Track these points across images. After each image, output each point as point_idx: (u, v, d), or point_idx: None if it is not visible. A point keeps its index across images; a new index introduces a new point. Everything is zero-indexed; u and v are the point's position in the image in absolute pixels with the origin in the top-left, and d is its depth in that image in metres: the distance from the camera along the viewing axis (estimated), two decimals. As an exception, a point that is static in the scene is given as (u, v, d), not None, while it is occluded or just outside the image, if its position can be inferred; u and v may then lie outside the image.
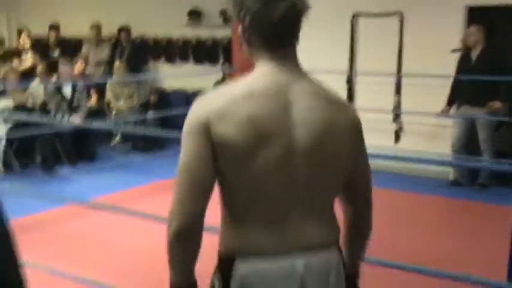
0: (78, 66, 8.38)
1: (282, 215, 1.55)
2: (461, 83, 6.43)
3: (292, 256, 1.55)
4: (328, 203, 1.64)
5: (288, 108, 1.52)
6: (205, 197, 1.50)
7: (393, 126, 7.23)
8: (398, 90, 7.18)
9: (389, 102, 7.20)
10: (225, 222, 1.59)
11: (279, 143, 1.49)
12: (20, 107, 7.19)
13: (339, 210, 1.73)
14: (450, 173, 6.66)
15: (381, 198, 6.05)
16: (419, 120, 6.95)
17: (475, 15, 6.69)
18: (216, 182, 1.54)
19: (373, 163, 6.05)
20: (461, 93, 6.47)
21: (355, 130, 1.64)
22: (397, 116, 7.22)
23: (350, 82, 7.48)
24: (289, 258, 1.54)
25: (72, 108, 7.60)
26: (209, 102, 1.51)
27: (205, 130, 1.48)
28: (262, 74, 1.57)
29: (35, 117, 6.67)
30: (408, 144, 6.75)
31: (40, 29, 9.92)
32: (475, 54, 6.39)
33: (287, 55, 1.62)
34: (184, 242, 1.50)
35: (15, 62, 8.84)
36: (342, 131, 1.58)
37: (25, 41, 9.42)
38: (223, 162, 1.49)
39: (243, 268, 1.54)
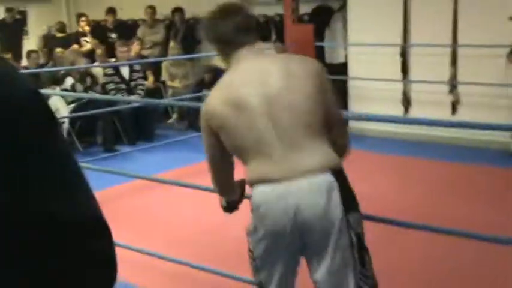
0: (135, 48, 8.58)
1: (272, 152, 2.09)
2: None
3: (288, 181, 2.05)
4: (310, 137, 2.11)
5: (255, 78, 2.16)
6: (223, 161, 2.32)
7: (450, 98, 7.12)
8: (454, 61, 7.04)
9: (445, 74, 7.08)
10: (244, 168, 2.21)
11: (254, 102, 2.11)
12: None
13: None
14: (511, 144, 6.51)
15: (440, 170, 5.99)
16: (477, 91, 6.80)
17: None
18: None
19: (431, 134, 6.01)
20: None
21: (317, 74, 2.21)
22: (453, 88, 7.10)
23: (404, 55, 7.38)
24: (286, 182, 2.05)
25: (130, 89, 7.82)
26: (206, 104, 2.26)
27: (209, 126, 2.22)
28: (234, 68, 2.26)
29: (96, 96, 6.90)
30: (466, 116, 6.64)
31: (98, 14, 10.19)
32: None
33: (247, 50, 2.25)
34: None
35: (74, 47, 9.13)
36: (305, 78, 2.15)
37: (84, 26, 9.71)
38: (223, 135, 2.18)
39: (255, 192, 2.14)
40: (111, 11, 9.97)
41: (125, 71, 7.86)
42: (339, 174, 2.11)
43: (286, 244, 2.10)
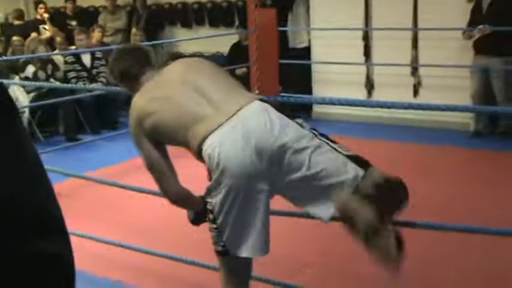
0: (96, 35, 8.43)
1: (206, 113, 2.27)
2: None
3: (229, 119, 2.22)
4: (231, 91, 2.35)
5: (169, 73, 2.49)
6: (165, 162, 2.44)
7: (411, 80, 7.22)
8: (415, 44, 7.13)
9: (406, 57, 7.16)
10: (184, 135, 2.32)
11: (176, 89, 2.37)
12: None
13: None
14: (471, 125, 6.64)
15: (403, 151, 6.08)
16: (438, 73, 6.91)
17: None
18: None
19: (394, 116, 6.08)
20: (474, 43, 6.38)
21: (210, 64, 2.55)
22: (414, 70, 7.19)
23: (366, 39, 7.44)
24: (230, 121, 2.22)
25: (92, 76, 7.70)
26: (134, 111, 2.46)
27: (143, 130, 2.40)
28: (146, 86, 2.50)
29: (57, 85, 6.78)
30: (428, 98, 6.74)
31: (56, 1, 9.98)
32: (486, 3, 6.27)
33: (143, 78, 2.55)
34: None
35: (33, 34, 8.93)
36: (204, 63, 2.54)
37: (43, 13, 9.49)
38: (159, 129, 2.38)
39: (206, 144, 2.22)
40: (71, -3, 9.78)
41: (86, 59, 7.73)
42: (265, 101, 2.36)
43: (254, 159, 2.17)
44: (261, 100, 2.34)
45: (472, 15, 6.38)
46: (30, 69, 7.31)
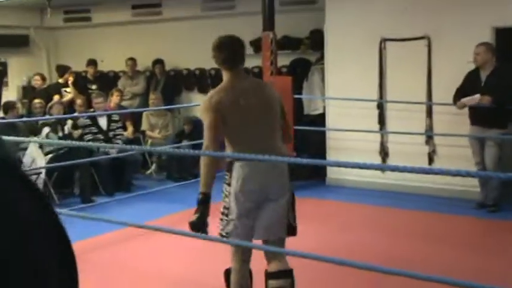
0: (114, 99, 8.63)
1: (254, 140, 3.38)
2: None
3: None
4: (274, 131, 3.47)
5: (247, 93, 3.42)
6: (217, 145, 3.36)
7: (426, 149, 7.23)
8: (429, 113, 7.18)
9: (421, 125, 7.20)
10: (228, 147, 3.47)
11: (246, 108, 3.37)
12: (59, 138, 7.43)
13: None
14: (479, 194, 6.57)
15: (417, 220, 6.02)
16: (453, 143, 6.92)
17: (503, 35, 6.69)
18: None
19: (409, 185, 6.02)
20: (470, 113, 6.40)
21: (278, 98, 3.55)
22: (429, 139, 7.22)
23: (381, 107, 7.52)
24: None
25: (108, 139, 7.81)
26: (210, 97, 3.44)
27: (217, 110, 3.34)
28: (228, 80, 3.49)
29: (68, 142, 6.87)
30: (443, 167, 6.72)
31: (78, 65, 10.27)
32: (484, 74, 6.23)
33: (239, 70, 3.55)
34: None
35: (56, 97, 9.15)
36: (273, 98, 3.51)
37: (69, 77, 9.74)
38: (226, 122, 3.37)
39: (237, 166, 3.38)
40: (92, 62, 10.07)
41: (103, 122, 7.88)
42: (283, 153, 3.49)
43: (257, 194, 3.38)
44: (283, 155, 3.44)
45: (466, 81, 6.33)
46: (45, 131, 7.45)
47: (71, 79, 9.73)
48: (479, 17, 6.69)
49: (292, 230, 3.46)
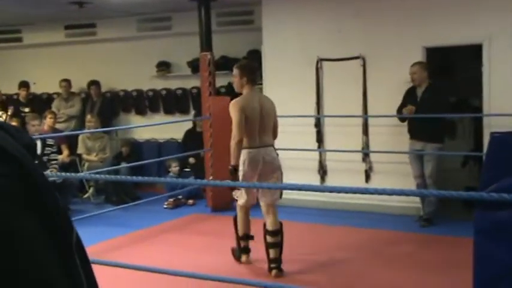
0: (48, 121, 8.37)
1: (258, 134, 5.05)
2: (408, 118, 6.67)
3: (260, 148, 5.06)
4: (270, 130, 5.15)
5: (258, 102, 5.12)
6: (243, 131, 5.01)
7: (363, 166, 7.38)
8: (365, 130, 7.35)
9: (357, 142, 7.36)
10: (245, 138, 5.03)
11: (257, 113, 5.07)
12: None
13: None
14: (420, 209, 6.77)
15: (355, 236, 6.12)
16: (389, 159, 7.09)
17: (433, 54, 6.96)
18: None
19: (346, 202, 6.13)
20: (408, 127, 6.69)
21: (274, 108, 5.26)
22: (365, 156, 7.37)
23: (318, 125, 7.64)
24: (259, 148, 5.05)
25: (42, 163, 7.57)
26: (238, 102, 5.10)
27: (243, 110, 5.00)
28: (248, 92, 5.17)
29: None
30: (379, 184, 6.86)
31: (10, 88, 9.95)
32: (420, 91, 6.59)
33: (254, 87, 5.31)
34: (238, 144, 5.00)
35: (-16, 120, 8.83)
36: (272, 108, 5.22)
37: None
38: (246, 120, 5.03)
39: (247, 151, 5.03)
40: (24, 84, 9.76)
41: (37, 146, 7.64)
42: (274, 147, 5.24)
43: (258, 170, 5.04)
44: (273, 145, 5.22)
45: (405, 99, 6.65)
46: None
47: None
48: (411, 38, 6.95)
49: (281, 195, 5.21)
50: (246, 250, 5.39)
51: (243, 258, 5.38)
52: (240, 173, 4.97)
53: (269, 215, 5.07)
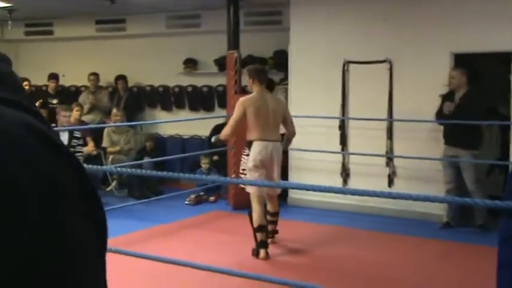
0: (74, 114, 8.45)
1: (267, 128, 5.57)
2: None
3: (268, 141, 5.58)
4: (278, 127, 5.75)
5: (265, 101, 5.65)
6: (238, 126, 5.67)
7: (386, 170, 7.34)
8: (390, 135, 7.31)
9: (381, 146, 7.32)
10: (249, 131, 5.61)
11: (264, 109, 5.60)
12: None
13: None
14: (443, 216, 6.71)
15: (375, 241, 6.10)
16: (412, 165, 7.04)
17: (461, 61, 6.89)
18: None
19: (368, 205, 6.11)
20: (444, 133, 6.62)
21: (284, 107, 5.97)
22: (389, 160, 7.33)
23: (342, 128, 7.62)
24: (268, 141, 5.57)
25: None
26: (245, 100, 5.69)
27: (244, 107, 5.56)
28: (257, 91, 5.70)
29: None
30: (402, 189, 6.82)
31: (40, 79, 10.11)
32: (457, 97, 6.53)
33: (263, 87, 5.80)
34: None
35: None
36: (280, 106, 5.81)
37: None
38: (248, 115, 5.58)
39: (255, 143, 5.58)
40: (53, 76, 9.91)
41: (64, 137, 7.73)
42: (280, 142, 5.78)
43: (267, 162, 5.55)
44: (279, 140, 5.76)
45: (442, 104, 6.60)
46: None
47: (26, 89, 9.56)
48: (439, 43, 6.89)
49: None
50: (264, 245, 5.42)
51: (261, 253, 5.39)
52: (251, 163, 5.47)
53: (272, 201, 5.82)
